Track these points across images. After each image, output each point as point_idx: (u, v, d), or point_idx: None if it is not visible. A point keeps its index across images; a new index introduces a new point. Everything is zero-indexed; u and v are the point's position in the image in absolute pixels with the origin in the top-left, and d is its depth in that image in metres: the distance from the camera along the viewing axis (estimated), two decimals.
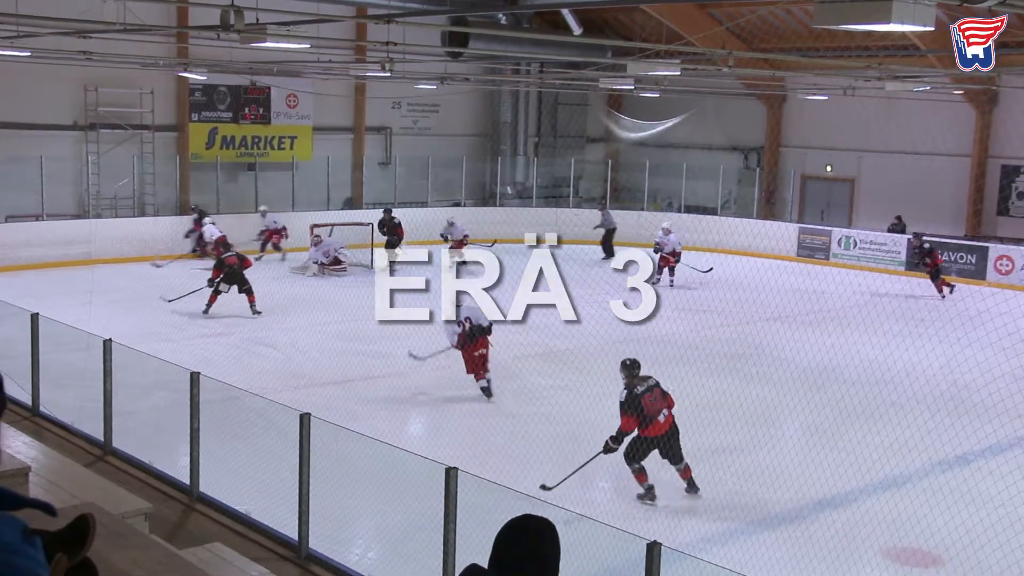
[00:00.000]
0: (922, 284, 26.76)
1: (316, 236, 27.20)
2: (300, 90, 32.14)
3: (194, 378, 10.95)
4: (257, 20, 15.13)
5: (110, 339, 12.46)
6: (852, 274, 27.95)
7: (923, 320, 20.80)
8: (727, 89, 33.62)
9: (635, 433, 11.76)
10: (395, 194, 34.67)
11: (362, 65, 28.12)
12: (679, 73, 22.00)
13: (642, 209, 35.65)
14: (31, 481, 8.49)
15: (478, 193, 36.30)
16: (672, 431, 11.88)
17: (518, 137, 37.30)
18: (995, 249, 28.65)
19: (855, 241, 31.25)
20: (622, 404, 11.72)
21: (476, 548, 4.20)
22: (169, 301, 21.77)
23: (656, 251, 25.26)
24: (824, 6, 9.55)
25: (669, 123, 35.35)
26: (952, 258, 28.97)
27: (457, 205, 29.99)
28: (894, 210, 31.33)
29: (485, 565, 3.65)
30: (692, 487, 12.08)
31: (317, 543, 9.68)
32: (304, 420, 9.53)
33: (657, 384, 11.99)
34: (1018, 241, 29.35)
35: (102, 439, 12.46)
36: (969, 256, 28.79)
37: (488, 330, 16.04)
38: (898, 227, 30.96)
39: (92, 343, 12.83)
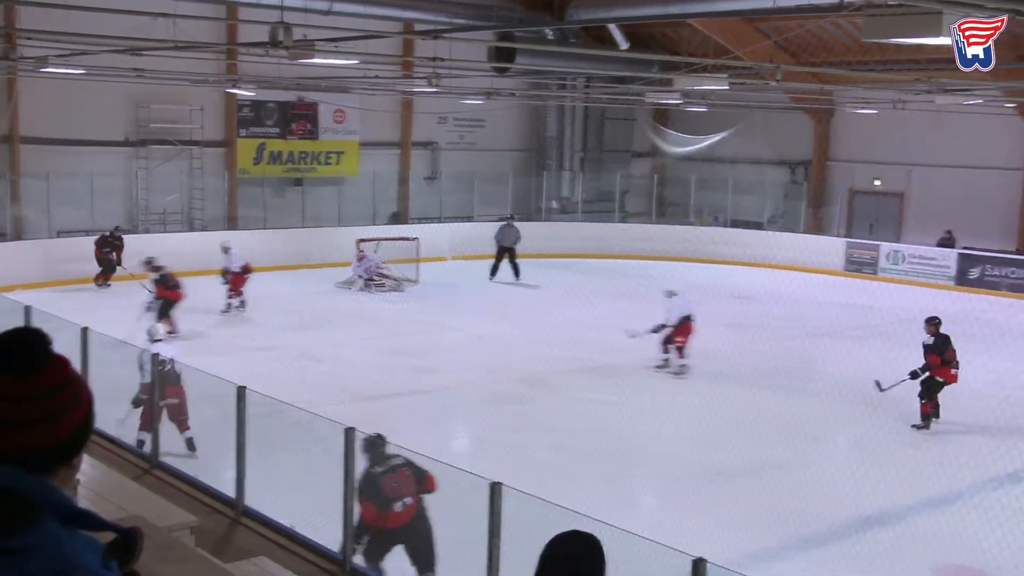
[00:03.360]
0: (972, 299, 26.50)
1: (360, 251, 27.37)
2: (347, 105, 32.22)
3: (241, 392, 10.97)
4: (305, 37, 15.22)
5: (158, 353, 12.68)
6: (901, 289, 28.00)
7: (973, 336, 20.36)
8: (774, 103, 33.45)
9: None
10: (441, 209, 34.85)
11: (409, 81, 28.36)
12: (726, 87, 22.05)
13: (689, 224, 35.72)
14: (79, 493, 8.46)
15: (524, 208, 36.28)
16: (415, 526, 9.62)
17: (564, 152, 37.29)
18: None
19: (904, 256, 31.09)
20: (358, 490, 9.74)
21: (521, 564, 4.27)
22: None
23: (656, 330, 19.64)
24: (873, 20, 9.60)
25: (716, 137, 35.28)
26: (1003, 273, 28.85)
27: (509, 219, 29.88)
28: (943, 224, 31.14)
29: None
30: None
31: (361, 559, 9.65)
32: (349, 434, 9.51)
33: (405, 465, 9.65)
34: None
35: (149, 452, 12.60)
36: (1021, 271, 28.60)
37: (176, 379, 13.46)
38: (948, 241, 30.80)
39: (141, 357, 13.08)
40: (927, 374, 15.87)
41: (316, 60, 16.97)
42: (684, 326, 19.45)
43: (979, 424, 15.39)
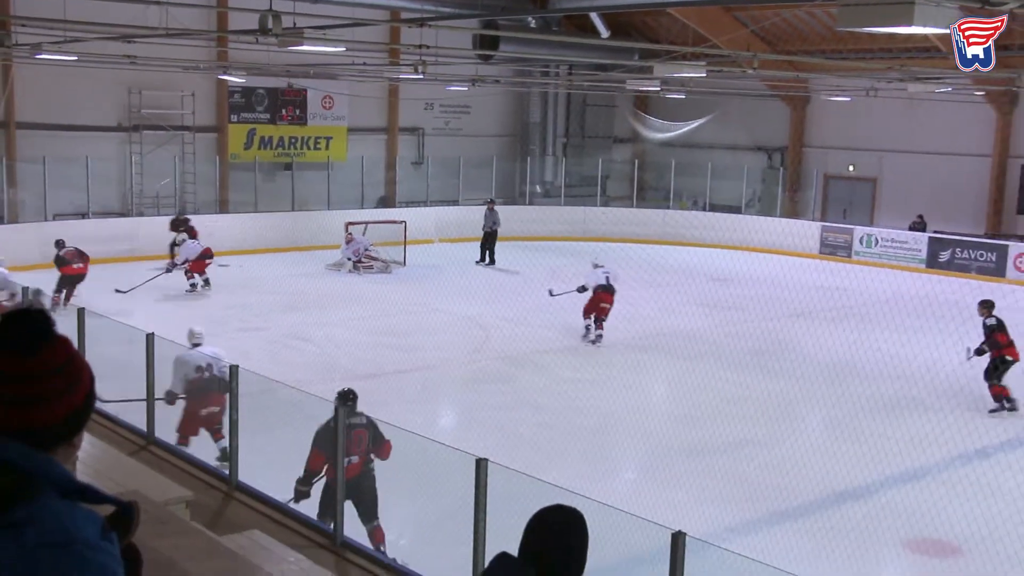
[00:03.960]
0: (943, 281, 26.97)
1: (349, 234, 27.67)
2: (335, 92, 32.48)
3: (233, 371, 10.96)
4: (294, 24, 15.41)
5: (153, 333, 12.59)
6: (874, 271, 28.16)
7: (943, 317, 20.66)
8: (751, 90, 33.60)
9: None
10: (427, 193, 34.96)
11: (395, 67, 28.46)
12: (704, 75, 22.25)
13: (668, 208, 35.92)
14: (77, 469, 8.51)
15: (508, 192, 36.42)
16: (358, 483, 10.00)
17: (547, 137, 37.45)
18: (1015, 247, 28.83)
19: (877, 239, 31.40)
20: (315, 437, 10.15)
21: (506, 537, 4.26)
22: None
23: (580, 290, 20.81)
24: (847, 9, 9.72)
25: (694, 124, 35.49)
26: (972, 256, 29.21)
27: (489, 203, 30.28)
28: (915, 209, 31.57)
29: (515, 554, 3.68)
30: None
31: (351, 531, 9.74)
32: (339, 412, 9.64)
33: (364, 427, 10.20)
34: None
35: (145, 429, 12.49)
36: (989, 254, 28.95)
37: (219, 386, 12.67)
38: (919, 225, 31.17)
39: (135, 337, 12.96)
40: (991, 353, 16.14)
41: (305, 47, 17.04)
42: (599, 295, 20.28)
43: (948, 402, 15.55)
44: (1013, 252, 28.67)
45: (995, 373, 16.23)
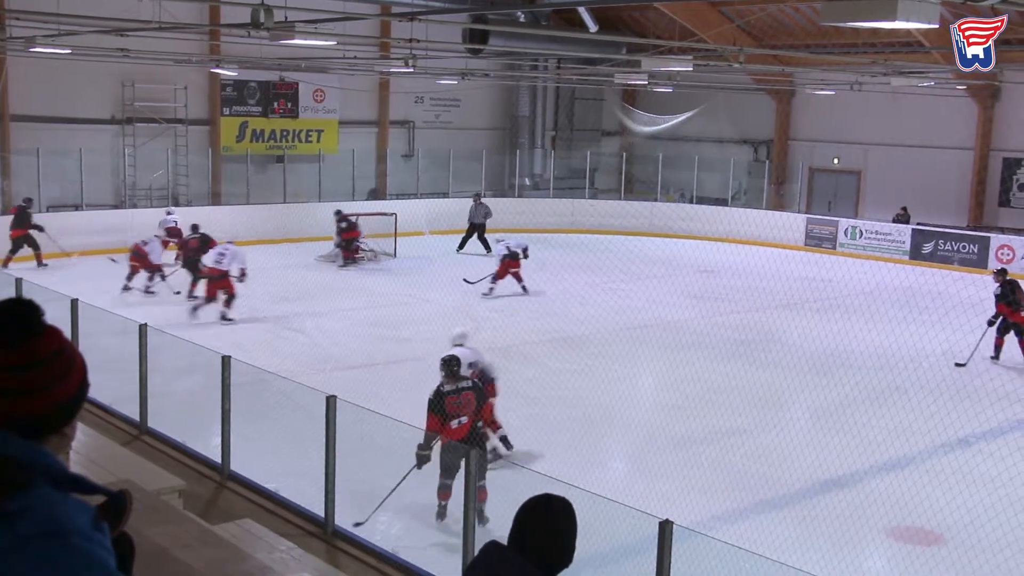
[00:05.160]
0: (926, 272, 27.08)
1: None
2: (327, 85, 32.55)
3: (225, 361, 11.07)
4: (286, 18, 15.52)
5: (146, 324, 12.67)
6: (858, 263, 27.92)
7: (926, 308, 20.79)
8: (738, 84, 33.75)
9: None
10: (417, 185, 35.04)
11: (386, 61, 28.59)
12: (691, 69, 22.42)
13: (655, 200, 36.01)
14: (71, 459, 8.31)
15: (497, 184, 36.52)
16: (469, 441, 10.36)
17: (536, 130, 37.49)
18: (996, 239, 28.94)
19: (861, 231, 31.51)
20: (428, 403, 10.70)
21: (495, 525, 4.35)
22: None
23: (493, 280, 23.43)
24: (831, 4, 9.87)
25: (682, 117, 35.54)
26: (954, 248, 29.42)
27: (477, 196, 30.48)
28: (899, 201, 31.69)
29: (504, 542, 3.69)
30: (479, 516, 9.95)
31: (343, 520, 9.87)
32: (330, 402, 9.65)
33: (470, 389, 10.80)
34: (1019, 231, 29.68)
35: (138, 419, 12.66)
36: (971, 246, 29.09)
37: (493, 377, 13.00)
38: (903, 218, 31.28)
39: (129, 328, 13.07)
40: (999, 321, 18.54)
41: (296, 41, 17.32)
42: (506, 263, 23.39)
43: (931, 392, 15.44)
44: (995, 244, 28.76)
45: (1004, 331, 18.61)
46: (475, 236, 29.65)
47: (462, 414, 10.66)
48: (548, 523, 3.66)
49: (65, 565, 1.91)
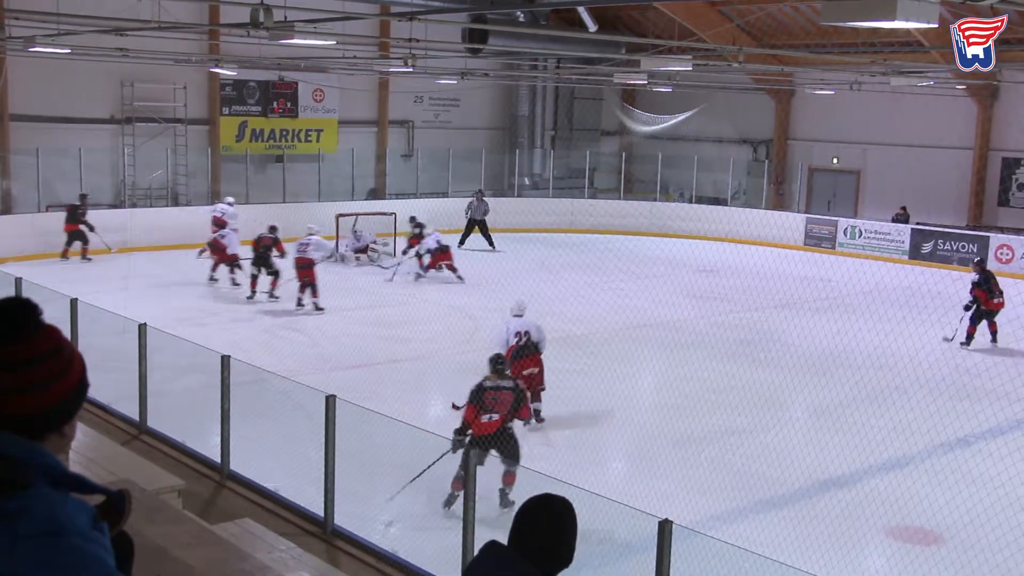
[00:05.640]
0: (925, 272, 27.06)
1: (356, 231, 27.72)
2: (326, 85, 32.57)
3: (225, 361, 11.09)
4: (285, 18, 15.45)
5: (145, 323, 12.68)
6: (857, 263, 28.17)
7: (926, 307, 20.19)
8: (737, 84, 33.80)
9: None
10: (417, 185, 35.05)
11: (386, 61, 28.63)
12: (691, 68, 22.41)
13: (655, 200, 36.03)
14: (70, 458, 8.15)
15: (496, 184, 36.53)
16: (498, 437, 11.04)
17: (535, 130, 37.53)
18: (996, 238, 28.95)
19: (860, 231, 31.51)
20: (470, 393, 11.06)
21: (495, 525, 4.34)
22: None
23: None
24: (831, 3, 9.74)
25: (681, 117, 35.41)
26: (954, 247, 29.41)
27: (478, 193, 30.56)
28: (898, 201, 31.68)
29: (504, 542, 3.68)
30: (503, 499, 11.05)
31: (342, 519, 9.86)
32: (330, 402, 9.66)
33: (510, 390, 11.15)
34: (1018, 231, 29.69)
35: (137, 419, 12.71)
36: (971, 245, 29.01)
37: (539, 350, 14.43)
38: (902, 217, 31.27)
39: (128, 327, 13.03)
40: (975, 307, 19.77)
41: (296, 41, 17.17)
42: (436, 256, 24.91)
43: (931, 391, 15.48)
44: (994, 243, 28.76)
45: (976, 319, 19.82)
46: (476, 233, 29.69)
47: (496, 411, 11.01)
48: (548, 523, 3.64)
49: (64, 564, 1.91)
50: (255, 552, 7.64)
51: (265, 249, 22.43)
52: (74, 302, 13.63)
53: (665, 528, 6.95)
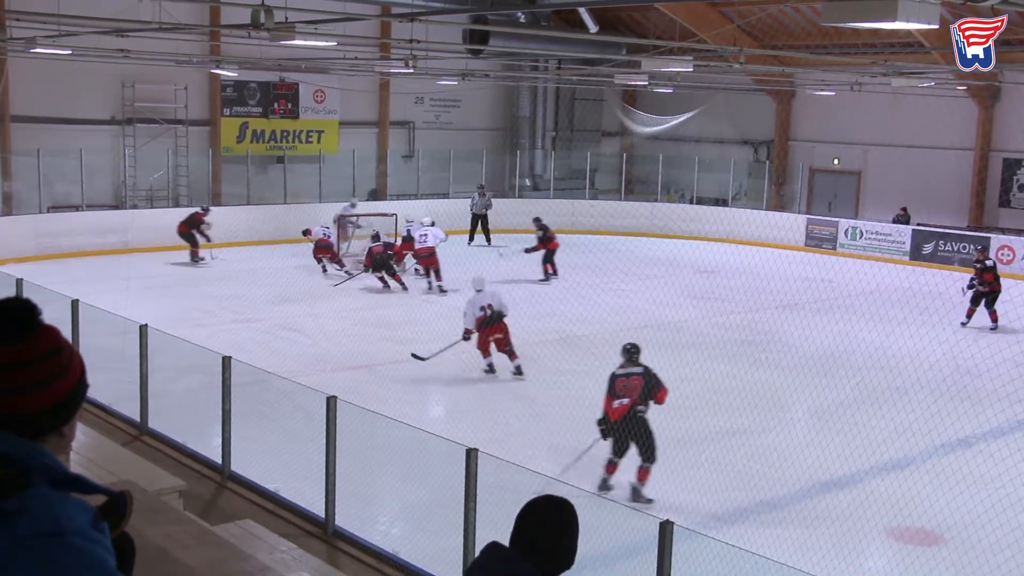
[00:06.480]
0: (926, 273, 27.07)
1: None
2: (327, 86, 32.61)
3: (226, 362, 11.12)
4: (286, 19, 15.39)
5: (146, 324, 12.72)
6: (858, 263, 28.33)
7: (927, 308, 20.71)
8: (738, 85, 33.87)
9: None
10: (418, 186, 35.05)
11: (386, 62, 28.61)
12: (692, 69, 22.45)
13: (656, 201, 36.06)
14: (71, 459, 8.20)
15: (497, 185, 36.48)
16: (632, 424, 11.62)
17: (536, 131, 37.54)
18: (996, 239, 28.92)
19: (861, 232, 31.52)
20: (608, 383, 11.86)
21: (496, 526, 4.36)
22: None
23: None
24: (832, 4, 9.83)
25: (682, 118, 35.42)
26: (954, 248, 29.41)
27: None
28: (899, 202, 31.69)
29: (506, 543, 3.68)
30: (636, 494, 11.59)
31: (343, 520, 9.89)
32: (331, 403, 9.68)
33: (640, 374, 11.79)
34: (1019, 232, 29.70)
35: (138, 419, 12.75)
36: (971, 246, 28.62)
37: (503, 316, 16.79)
38: (903, 218, 31.29)
39: (129, 328, 13.10)
40: (975, 288, 21.46)
41: (296, 42, 17.33)
42: (406, 244, 25.59)
43: (931, 392, 15.46)
44: (995, 244, 28.72)
45: (976, 301, 21.43)
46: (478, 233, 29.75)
47: (626, 396, 11.62)
48: (550, 524, 3.65)
49: (64, 565, 1.90)
50: (256, 553, 7.66)
51: (379, 256, 23.73)
52: (75, 303, 13.66)
53: (666, 529, 6.95)
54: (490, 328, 16.63)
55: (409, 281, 24.12)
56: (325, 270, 25.56)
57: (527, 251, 26.23)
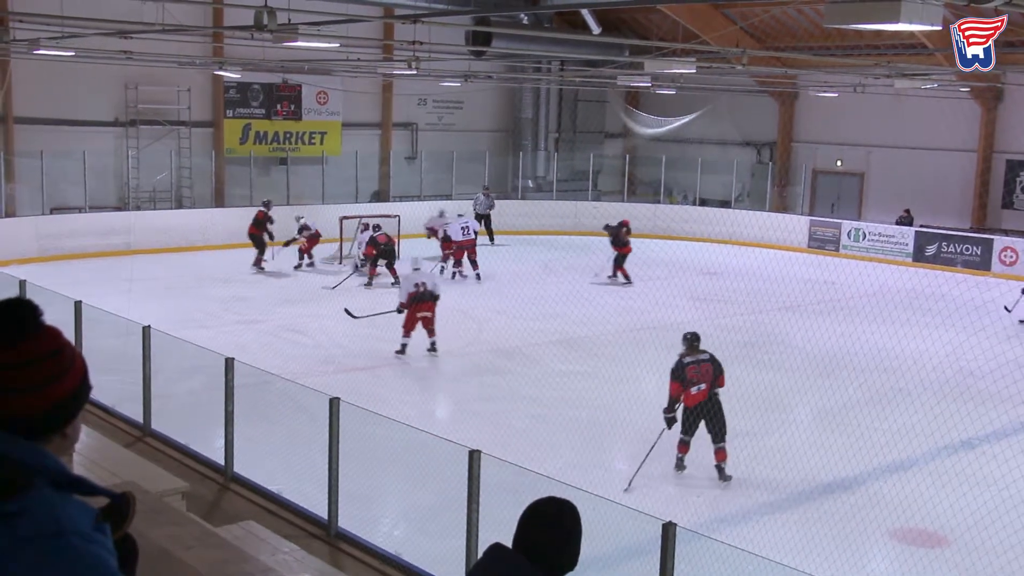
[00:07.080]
0: (929, 274, 27.06)
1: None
2: (330, 87, 32.64)
3: (229, 363, 11.12)
4: (289, 20, 15.49)
5: (149, 326, 12.71)
6: (861, 265, 28.31)
7: (930, 310, 20.85)
8: (741, 86, 33.90)
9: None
10: (420, 187, 35.06)
11: (389, 63, 28.47)
12: (694, 71, 22.18)
13: (658, 202, 36.05)
14: (74, 460, 8.37)
15: (500, 186, 36.44)
16: (708, 407, 12.27)
17: (539, 132, 37.57)
18: (999, 241, 28.94)
19: (864, 233, 31.50)
20: (671, 372, 12.37)
21: (499, 528, 4.33)
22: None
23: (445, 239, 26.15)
24: (835, 6, 9.76)
25: (685, 119, 35.45)
26: (958, 250, 29.40)
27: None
28: (902, 203, 31.72)
29: (508, 544, 3.68)
30: (721, 474, 12.35)
31: (346, 522, 9.88)
32: (334, 404, 9.68)
33: (708, 360, 12.37)
34: (1022, 233, 29.69)
35: (141, 421, 12.75)
36: (974, 248, 29.08)
37: (435, 297, 17.92)
38: (906, 220, 31.27)
39: (132, 330, 13.07)
40: None
41: (299, 43, 17.38)
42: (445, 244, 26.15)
43: (935, 393, 15.52)
44: (998, 246, 28.78)
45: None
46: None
47: (701, 381, 12.20)
48: (552, 526, 3.65)
49: (65, 566, 1.91)
50: (258, 554, 7.67)
51: (386, 245, 24.44)
52: (78, 304, 13.68)
53: (669, 530, 6.94)
54: (420, 305, 17.66)
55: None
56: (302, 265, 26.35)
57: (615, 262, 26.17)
